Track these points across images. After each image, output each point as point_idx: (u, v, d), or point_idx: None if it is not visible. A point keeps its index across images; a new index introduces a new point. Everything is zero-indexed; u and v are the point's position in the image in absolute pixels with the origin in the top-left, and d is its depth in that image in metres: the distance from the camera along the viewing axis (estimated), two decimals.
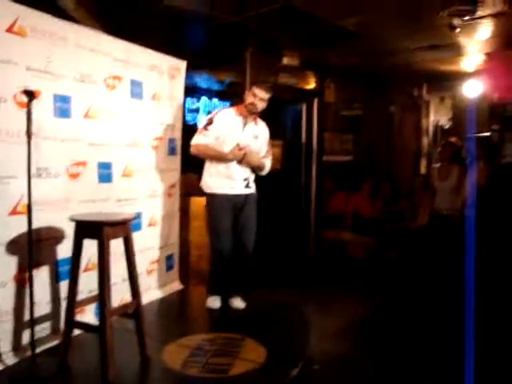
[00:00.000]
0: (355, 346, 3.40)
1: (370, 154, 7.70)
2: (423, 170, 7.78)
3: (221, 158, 3.74)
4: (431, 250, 5.01)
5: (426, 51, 5.66)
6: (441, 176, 5.15)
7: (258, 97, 3.73)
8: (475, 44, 5.40)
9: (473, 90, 6.43)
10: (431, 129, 8.01)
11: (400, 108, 7.81)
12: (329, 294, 4.67)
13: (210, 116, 3.93)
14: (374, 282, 5.30)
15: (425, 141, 7.98)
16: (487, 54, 5.85)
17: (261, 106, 3.77)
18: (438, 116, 8.00)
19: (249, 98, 3.75)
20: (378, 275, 5.54)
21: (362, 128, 7.73)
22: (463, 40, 5.18)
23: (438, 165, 5.30)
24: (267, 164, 3.96)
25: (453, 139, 5.38)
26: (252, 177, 3.91)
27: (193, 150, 3.81)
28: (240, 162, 3.74)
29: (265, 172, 3.99)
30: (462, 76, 6.71)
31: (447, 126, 7.96)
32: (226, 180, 3.77)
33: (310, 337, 3.36)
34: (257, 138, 3.87)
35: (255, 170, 3.91)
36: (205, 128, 3.79)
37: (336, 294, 4.69)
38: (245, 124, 3.81)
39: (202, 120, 3.90)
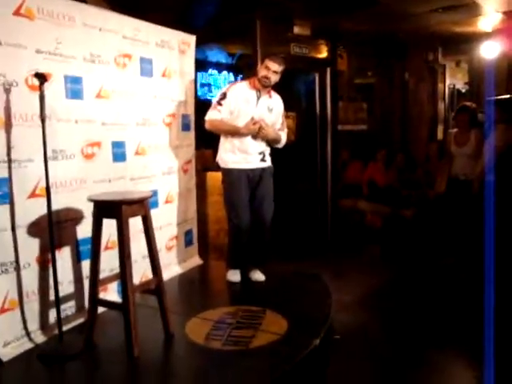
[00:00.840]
0: (374, 315, 3.43)
1: (384, 123, 7.59)
2: (440, 136, 7.67)
3: (235, 133, 3.72)
4: (450, 216, 4.96)
5: (441, 13, 5.50)
6: (458, 142, 5.07)
7: (271, 70, 3.68)
8: (493, 3, 5.23)
9: (490, 51, 6.26)
10: (447, 94, 7.84)
11: (415, 74, 7.65)
12: (347, 264, 4.70)
13: (222, 90, 3.88)
14: (391, 250, 5.30)
15: (441, 106, 7.83)
16: (505, 13, 5.66)
17: (274, 78, 3.72)
18: (454, 80, 7.82)
19: (262, 71, 3.71)
20: (395, 243, 5.53)
21: (376, 96, 7.61)
22: None
23: (454, 130, 5.21)
24: (283, 137, 3.94)
25: (468, 103, 5.26)
26: (267, 150, 3.89)
27: (207, 125, 3.80)
28: (256, 136, 3.72)
29: (281, 145, 3.97)
30: (478, 37, 6.52)
31: (464, 90, 7.79)
32: (242, 154, 3.76)
33: (330, 307, 3.38)
34: (271, 111, 3.83)
35: (271, 143, 3.89)
36: (218, 103, 3.75)
37: (354, 263, 4.71)
38: (259, 97, 3.77)
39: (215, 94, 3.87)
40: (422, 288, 4.02)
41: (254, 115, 3.71)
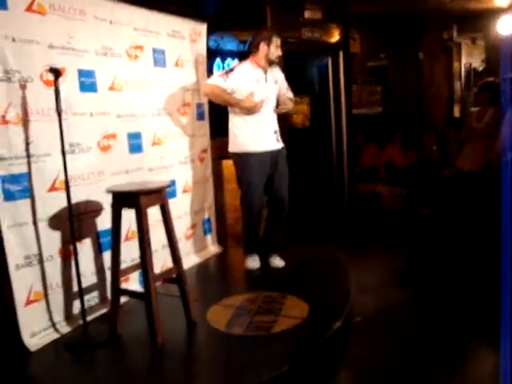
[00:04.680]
0: (395, 297, 3.42)
1: (400, 104, 7.50)
2: (457, 115, 7.55)
3: (236, 106, 3.68)
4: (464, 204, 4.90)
5: None
6: (477, 118, 4.99)
7: (279, 46, 3.72)
8: None
9: (507, 27, 6.12)
10: (464, 73, 7.70)
11: (429, 53, 7.52)
12: (366, 248, 4.68)
13: (231, 66, 3.85)
14: (410, 233, 5.26)
15: (457, 86, 7.70)
16: None
17: (281, 53, 3.78)
18: (470, 59, 7.67)
19: (276, 51, 3.71)
20: (415, 226, 5.49)
21: (390, 78, 7.51)
22: None
23: (476, 109, 5.12)
24: (291, 96, 4.03)
25: (491, 79, 5.15)
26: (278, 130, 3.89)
27: (207, 88, 3.75)
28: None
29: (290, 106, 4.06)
30: (494, 13, 6.37)
31: (481, 69, 7.64)
32: (257, 133, 3.72)
33: (350, 290, 3.39)
34: (277, 82, 3.86)
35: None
36: (225, 73, 3.73)
37: (373, 247, 4.70)
38: (265, 74, 3.77)
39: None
40: (443, 271, 3.99)
41: (267, 91, 3.74)
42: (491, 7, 6.30)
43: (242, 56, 6.56)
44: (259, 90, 3.70)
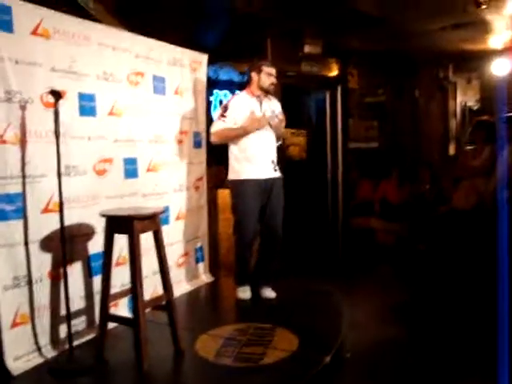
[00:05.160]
0: (386, 335, 3.38)
1: (395, 140, 7.58)
2: (452, 153, 7.63)
3: (244, 131, 3.71)
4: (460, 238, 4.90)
5: (450, 31, 5.52)
6: (473, 156, 5.05)
7: (273, 74, 3.78)
8: (503, 20, 5.24)
9: (502, 68, 6.25)
10: (459, 111, 7.83)
11: (425, 91, 7.65)
12: (359, 282, 4.65)
13: (224, 104, 3.91)
14: (403, 268, 5.24)
15: (453, 124, 7.81)
16: None
17: (275, 81, 3.82)
18: (465, 97, 7.81)
19: (266, 80, 3.77)
20: (409, 262, 5.47)
21: (387, 114, 7.62)
22: (490, 17, 5.04)
23: (471, 147, 5.19)
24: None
25: (485, 117, 5.23)
26: (276, 160, 3.90)
27: (214, 137, 3.81)
28: (269, 126, 3.78)
29: (281, 140, 4.07)
30: (489, 55, 6.52)
31: (476, 108, 7.77)
32: (255, 163, 3.75)
33: (341, 325, 3.35)
34: (274, 112, 3.89)
35: (278, 137, 3.94)
36: (222, 115, 3.78)
37: (366, 281, 4.67)
38: (261, 103, 3.81)
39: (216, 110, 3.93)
40: (437, 308, 3.96)
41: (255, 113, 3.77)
42: (486, 49, 6.45)
43: (241, 87, 6.67)
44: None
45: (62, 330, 2.93)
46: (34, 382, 2.65)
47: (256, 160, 3.75)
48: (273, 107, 3.90)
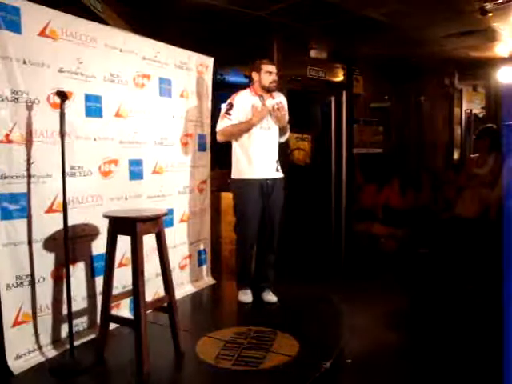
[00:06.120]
0: (387, 341, 3.38)
1: (400, 146, 7.58)
2: (456, 160, 7.62)
3: (248, 125, 3.72)
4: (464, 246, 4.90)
5: (456, 38, 5.52)
6: (478, 164, 5.05)
7: (273, 72, 3.78)
8: (509, 28, 5.24)
9: (507, 76, 6.25)
10: (464, 118, 7.81)
11: (431, 98, 7.65)
12: (360, 288, 4.64)
13: (227, 101, 3.91)
14: (406, 275, 5.23)
15: (457, 131, 7.80)
16: None
17: (276, 78, 3.81)
18: (471, 105, 7.80)
19: (266, 78, 3.77)
20: (411, 268, 5.46)
21: (391, 120, 7.62)
22: (496, 25, 5.04)
23: (475, 155, 5.18)
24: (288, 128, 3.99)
25: (490, 125, 5.23)
26: (277, 159, 3.90)
27: (220, 135, 3.81)
28: (273, 117, 3.75)
29: (285, 137, 4.02)
30: (495, 62, 6.52)
31: (481, 115, 7.76)
32: (256, 163, 3.75)
33: (342, 330, 3.35)
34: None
35: (281, 131, 3.91)
36: (226, 113, 3.79)
37: (368, 287, 4.65)
38: (263, 101, 3.81)
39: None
40: (438, 315, 3.95)
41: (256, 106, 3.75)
42: (492, 56, 6.45)
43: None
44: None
45: (64, 330, 2.95)
46: (34, 381, 2.66)
47: (258, 160, 3.76)
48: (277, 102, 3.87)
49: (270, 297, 3.91)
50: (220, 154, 4.19)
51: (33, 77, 2.78)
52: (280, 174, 3.88)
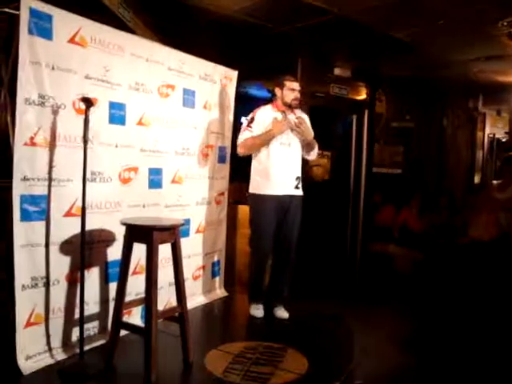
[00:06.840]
0: (399, 364, 3.32)
1: (420, 168, 7.51)
2: (477, 184, 7.53)
3: (268, 136, 3.71)
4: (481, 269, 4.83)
5: (482, 62, 5.49)
6: (500, 189, 5.00)
7: (296, 89, 3.78)
8: None
9: None
10: (486, 142, 7.73)
11: (454, 120, 7.59)
12: (374, 308, 4.58)
13: (250, 116, 3.91)
14: (421, 297, 5.15)
15: (479, 155, 7.72)
16: None
17: (298, 95, 3.80)
18: (494, 129, 7.72)
19: (288, 95, 3.77)
20: (426, 290, 5.38)
21: (413, 141, 7.57)
22: None
23: (498, 181, 5.13)
24: (316, 145, 3.94)
25: None
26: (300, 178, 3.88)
27: (241, 148, 3.81)
28: (295, 131, 3.73)
29: (314, 154, 3.99)
30: None
31: (504, 140, 7.67)
32: (274, 179, 3.74)
33: (354, 350, 3.30)
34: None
35: (307, 148, 3.88)
36: (248, 126, 3.80)
37: (381, 308, 4.59)
38: (285, 117, 3.81)
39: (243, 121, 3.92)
40: (453, 339, 3.88)
41: (286, 134, 3.75)
42: None
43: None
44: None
45: (75, 334, 2.96)
46: (42, 382, 2.67)
47: (276, 176, 3.75)
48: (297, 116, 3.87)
49: (282, 313, 3.89)
50: (239, 167, 4.19)
51: (60, 82, 2.84)
52: (299, 192, 3.87)
